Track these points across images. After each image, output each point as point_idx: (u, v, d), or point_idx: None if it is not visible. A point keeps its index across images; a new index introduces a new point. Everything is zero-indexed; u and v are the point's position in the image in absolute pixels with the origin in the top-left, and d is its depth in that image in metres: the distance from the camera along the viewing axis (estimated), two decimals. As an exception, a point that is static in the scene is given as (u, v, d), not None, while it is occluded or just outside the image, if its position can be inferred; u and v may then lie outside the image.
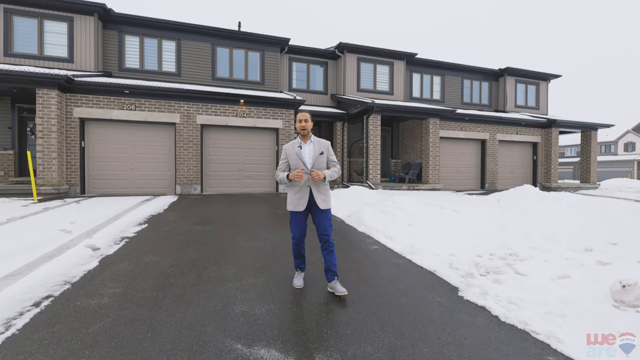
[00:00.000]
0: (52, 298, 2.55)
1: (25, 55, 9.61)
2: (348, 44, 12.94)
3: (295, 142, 2.82)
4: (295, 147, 2.79)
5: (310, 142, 2.78)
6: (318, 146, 2.78)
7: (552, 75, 16.48)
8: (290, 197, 2.78)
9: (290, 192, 2.78)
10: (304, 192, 2.71)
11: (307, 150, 2.77)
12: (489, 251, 3.74)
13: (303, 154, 2.75)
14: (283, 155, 2.85)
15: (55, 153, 8.04)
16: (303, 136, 2.80)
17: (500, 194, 6.43)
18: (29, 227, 4.83)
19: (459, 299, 2.64)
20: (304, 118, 2.73)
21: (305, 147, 2.78)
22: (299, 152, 2.76)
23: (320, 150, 2.78)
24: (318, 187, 2.73)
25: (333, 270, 2.68)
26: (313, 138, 2.80)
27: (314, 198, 2.70)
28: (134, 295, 2.61)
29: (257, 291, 2.72)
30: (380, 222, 5.08)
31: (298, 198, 2.72)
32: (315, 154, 2.76)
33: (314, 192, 2.70)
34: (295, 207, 2.72)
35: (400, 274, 3.22)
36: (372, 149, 11.19)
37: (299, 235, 2.77)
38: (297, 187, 2.73)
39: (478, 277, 3.00)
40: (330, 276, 2.70)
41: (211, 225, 5.28)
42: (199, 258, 3.58)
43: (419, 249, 3.93)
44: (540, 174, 14.02)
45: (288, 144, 2.86)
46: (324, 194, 2.74)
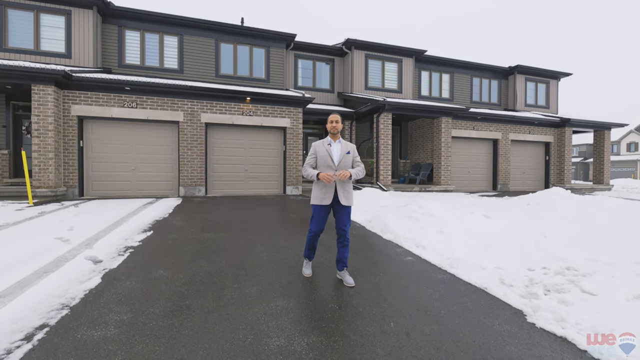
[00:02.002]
0: (48, 328, 2.12)
1: (20, 50, 9.14)
2: (356, 40, 12.52)
3: (325, 141, 3.03)
4: (325, 145, 3.00)
5: (339, 142, 3.02)
6: (345, 147, 3.01)
7: (562, 73, 16.12)
8: (316, 191, 2.95)
9: (317, 188, 2.96)
10: (329, 188, 2.90)
11: (336, 149, 2.99)
12: (541, 264, 3.34)
13: (332, 151, 2.96)
14: (312, 151, 3.04)
15: (52, 153, 7.59)
16: (333, 135, 3.01)
17: (528, 197, 6.04)
18: (23, 235, 4.39)
19: (530, 327, 2.24)
20: (335, 119, 2.97)
21: (334, 145, 3.00)
22: (328, 149, 2.97)
23: (347, 150, 3.00)
24: (343, 184, 2.92)
25: (344, 261, 2.99)
26: (341, 139, 3.04)
27: (338, 195, 2.90)
28: (146, 324, 2.19)
29: (291, 317, 2.31)
30: (407, 228, 4.67)
31: (324, 192, 2.90)
32: (343, 153, 2.97)
33: (338, 189, 2.91)
34: (322, 202, 2.90)
35: (448, 292, 2.81)
36: (382, 149, 10.79)
37: (317, 230, 2.96)
38: (324, 183, 2.88)
39: (543, 297, 2.60)
40: (340, 266, 3.02)
41: (222, 232, 4.85)
42: (216, 273, 3.16)
43: (459, 260, 3.53)
44: (553, 174, 13.65)
45: (318, 142, 3.05)
46: (348, 191, 2.94)
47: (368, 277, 3.11)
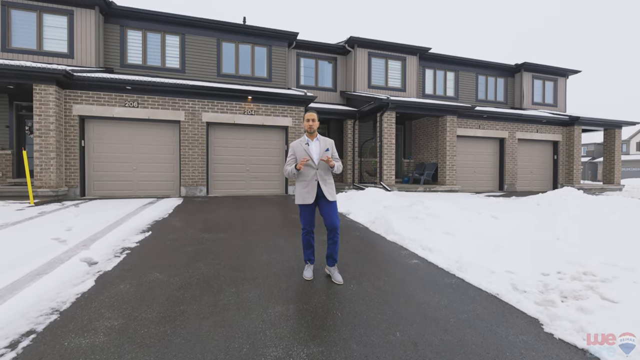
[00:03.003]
0: (34, 335, 2.01)
1: (23, 50, 9.14)
2: (359, 38, 12.36)
3: (302, 140, 3.01)
4: (303, 144, 2.98)
5: (317, 140, 3.00)
6: (324, 143, 2.99)
7: (570, 70, 15.81)
8: (299, 191, 2.93)
9: (299, 187, 2.94)
10: (312, 186, 2.88)
11: (314, 147, 2.97)
12: (555, 268, 3.16)
13: (311, 150, 2.95)
14: (291, 151, 3.03)
15: (53, 153, 7.54)
16: (310, 134, 2.99)
17: (538, 197, 5.85)
18: (20, 236, 4.31)
19: (548, 338, 2.08)
20: (311, 117, 2.95)
21: (312, 143, 2.98)
22: (306, 148, 2.95)
23: (326, 147, 2.98)
24: (325, 181, 2.92)
25: (334, 257, 2.97)
26: (319, 136, 3.02)
27: (322, 191, 2.88)
28: (137, 331, 2.06)
29: (291, 325, 2.17)
30: (412, 229, 4.51)
31: (307, 192, 2.89)
32: (322, 150, 2.95)
33: (321, 186, 2.89)
34: (305, 201, 2.89)
35: (457, 298, 2.65)
36: (386, 148, 10.62)
37: (309, 227, 2.97)
38: (306, 181, 2.90)
39: (560, 304, 2.43)
40: (330, 262, 2.99)
41: (222, 232, 4.74)
42: (213, 276, 3.04)
43: (467, 264, 3.37)
44: (562, 174, 13.37)
45: (295, 142, 3.04)
46: (330, 187, 2.94)
47: (372, 281, 2.97)
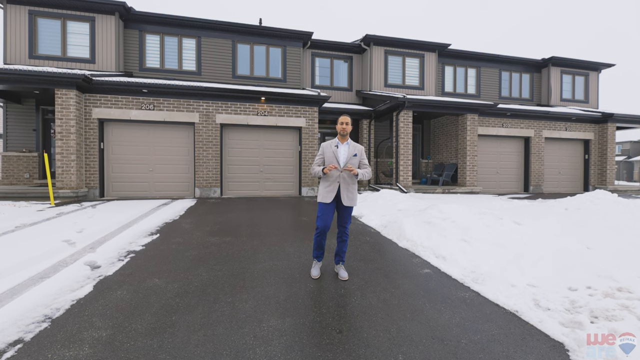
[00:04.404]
0: (21, 345, 1.96)
1: (49, 57, 9.54)
2: (375, 36, 12.07)
3: (333, 142, 3.04)
4: (332, 146, 3.02)
5: (347, 144, 3.03)
6: (353, 148, 3.02)
7: (603, 64, 14.77)
8: (321, 189, 3.03)
9: (322, 186, 3.03)
10: (333, 187, 2.96)
11: (343, 151, 3.01)
12: (585, 282, 2.83)
13: (338, 153, 2.99)
14: (320, 151, 3.09)
15: (74, 155, 7.80)
16: (342, 136, 3.03)
17: (566, 201, 5.39)
18: (34, 236, 4.42)
19: (575, 368, 1.81)
20: (345, 121, 2.98)
21: (342, 147, 3.02)
22: (335, 150, 3.00)
23: (355, 152, 3.01)
24: (347, 185, 2.98)
25: (341, 256, 3.11)
26: (350, 140, 3.06)
27: (341, 194, 2.96)
28: (123, 343, 1.98)
29: (283, 342, 2.02)
30: (426, 236, 4.25)
31: (328, 191, 2.98)
32: (349, 155, 2.99)
33: (342, 189, 2.96)
34: (324, 199, 2.98)
35: (470, 315, 2.41)
36: (402, 148, 10.28)
37: (323, 227, 3.00)
38: (329, 182, 2.98)
39: (589, 326, 2.14)
40: (337, 260, 3.13)
41: (229, 236, 4.66)
42: (211, 283, 2.94)
43: (484, 275, 3.09)
44: (593, 175, 12.48)
45: (326, 142, 3.06)
46: (351, 192, 2.99)
47: (378, 293, 2.76)
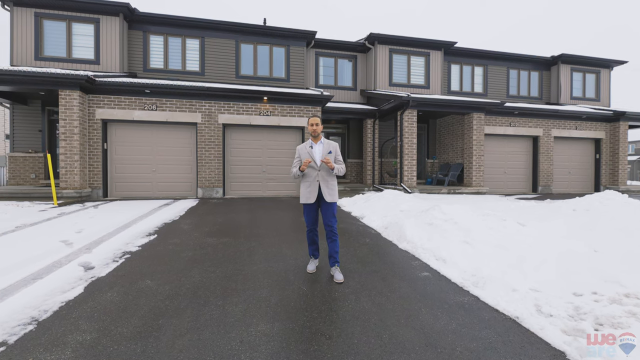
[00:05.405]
0: (3, 348, 1.93)
1: (54, 58, 9.65)
2: (379, 34, 11.94)
3: (307, 143, 3.21)
4: (307, 147, 3.18)
5: (320, 143, 3.18)
6: (327, 146, 3.16)
7: (615, 61, 14.38)
8: (302, 191, 3.15)
9: (303, 187, 3.15)
10: (314, 187, 3.08)
11: (318, 150, 3.15)
12: (590, 287, 2.70)
13: (314, 153, 3.13)
14: (297, 154, 3.24)
15: (77, 155, 7.86)
16: (314, 137, 3.18)
17: (575, 201, 5.21)
18: (33, 236, 4.43)
19: (577, 381, 1.69)
20: (315, 122, 3.12)
21: (316, 146, 3.17)
22: (310, 151, 3.15)
23: (329, 149, 3.15)
24: (326, 182, 3.09)
25: (335, 257, 3.10)
26: (323, 139, 3.21)
27: (322, 192, 3.07)
28: (106, 348, 1.93)
29: (270, 348, 1.94)
30: (427, 237, 4.14)
31: (309, 192, 3.09)
32: (324, 152, 3.13)
33: (322, 187, 3.07)
34: (307, 200, 3.10)
35: (468, 321, 2.30)
36: (407, 148, 10.13)
37: (312, 224, 3.19)
38: (309, 182, 3.10)
39: (594, 334, 2.01)
40: (332, 262, 3.12)
41: (227, 237, 4.61)
42: (203, 285, 2.88)
43: (485, 278, 2.97)
44: (605, 174, 12.14)
45: (301, 145, 3.23)
46: (331, 189, 3.11)
47: (373, 297, 2.67)
